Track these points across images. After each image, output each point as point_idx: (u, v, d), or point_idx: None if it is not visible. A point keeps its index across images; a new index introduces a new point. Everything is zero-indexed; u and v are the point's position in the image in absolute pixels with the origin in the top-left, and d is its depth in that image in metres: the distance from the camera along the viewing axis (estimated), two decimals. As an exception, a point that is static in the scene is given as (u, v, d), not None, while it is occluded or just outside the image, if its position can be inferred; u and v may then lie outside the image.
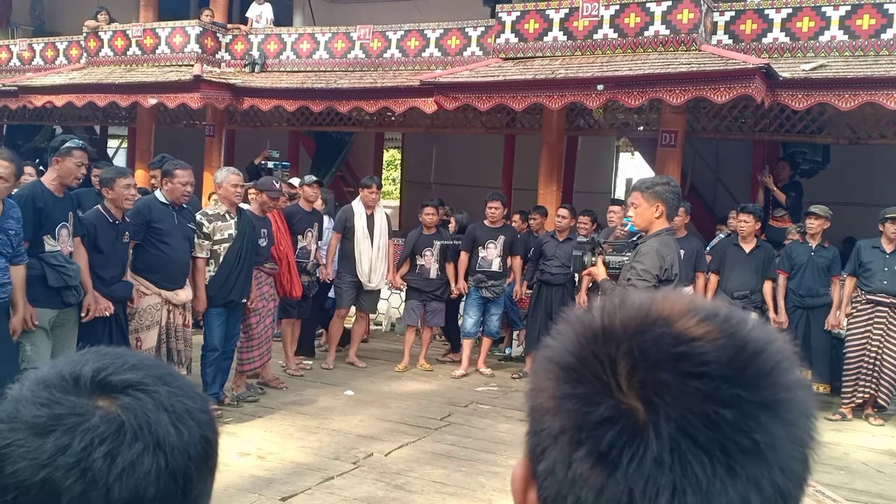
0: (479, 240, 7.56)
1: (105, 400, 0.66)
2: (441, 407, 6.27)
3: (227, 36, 11.30)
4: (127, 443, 0.64)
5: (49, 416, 0.64)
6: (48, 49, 12.70)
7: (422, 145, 14.28)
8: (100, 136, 15.90)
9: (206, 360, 5.65)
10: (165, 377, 0.70)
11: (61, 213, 4.53)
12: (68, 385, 0.66)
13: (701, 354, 0.55)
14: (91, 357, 0.70)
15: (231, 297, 5.67)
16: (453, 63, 9.80)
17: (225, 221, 5.67)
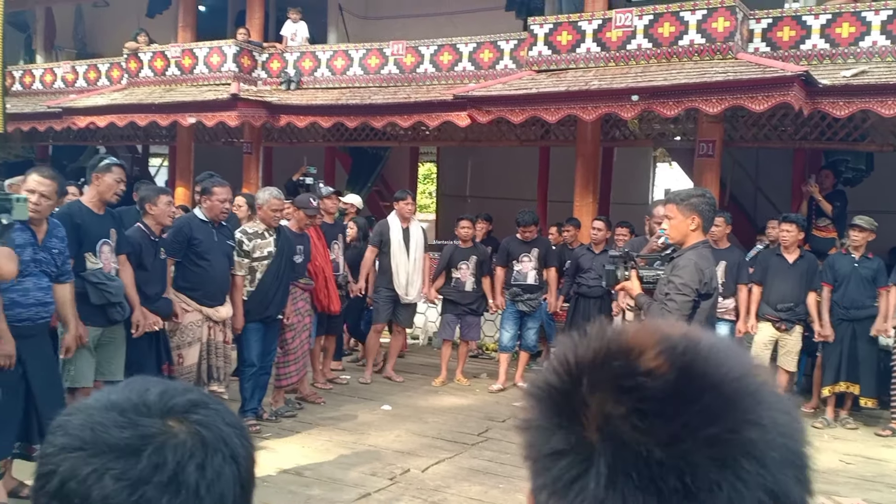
0: (513, 253, 7.53)
1: (175, 420, 0.69)
2: (478, 422, 6.24)
3: (263, 54, 11.48)
4: (210, 455, 0.68)
5: (136, 437, 0.67)
6: (90, 71, 13.03)
7: (457, 158, 14.31)
8: (142, 155, 16.25)
9: (244, 375, 5.71)
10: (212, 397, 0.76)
11: (101, 230, 4.58)
12: (141, 409, 0.70)
13: (643, 389, 0.54)
14: (146, 384, 0.73)
15: (268, 312, 5.73)
16: (486, 76, 9.82)
17: (264, 239, 5.74)
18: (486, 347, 9.36)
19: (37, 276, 3.98)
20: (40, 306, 4.00)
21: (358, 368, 7.92)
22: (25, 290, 3.90)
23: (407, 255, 7.49)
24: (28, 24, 15.28)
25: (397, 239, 7.49)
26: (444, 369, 7.67)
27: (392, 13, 12.67)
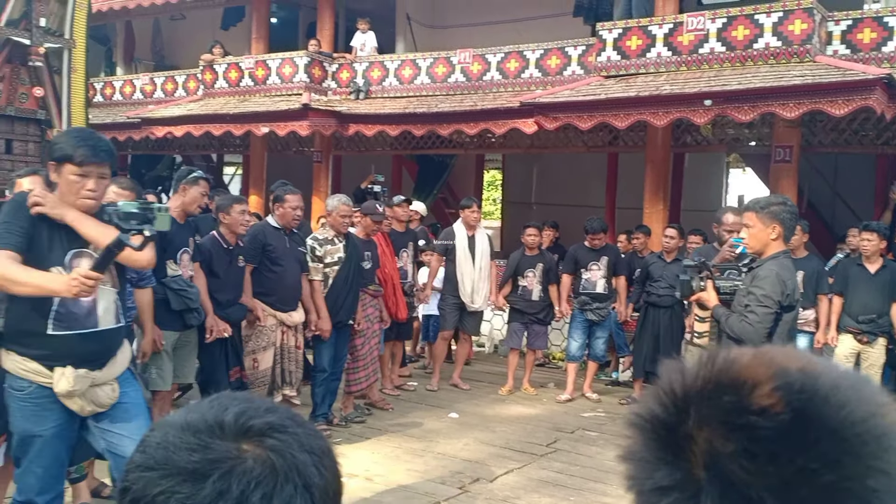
0: (581, 261, 7.45)
1: (250, 444, 0.66)
2: (547, 432, 6.18)
3: (333, 65, 11.68)
4: (280, 485, 0.64)
5: (204, 461, 0.64)
6: (168, 82, 13.50)
7: (522, 165, 14.26)
8: (216, 164, 16.72)
9: (316, 380, 5.80)
10: (296, 418, 0.71)
11: (182, 239, 4.71)
12: (215, 430, 0.67)
13: (755, 429, 0.51)
14: (227, 402, 0.71)
15: (340, 317, 5.81)
16: (553, 83, 9.76)
17: (334, 245, 5.84)
18: (553, 356, 9.28)
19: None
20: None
21: (425, 375, 7.95)
22: None
23: (473, 263, 7.50)
24: (109, 37, 15.94)
25: (463, 247, 7.50)
26: (510, 378, 7.63)
27: (459, 22, 12.73)
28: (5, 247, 2.78)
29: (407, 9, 12.56)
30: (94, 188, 2.86)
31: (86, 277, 2.63)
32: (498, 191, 24.06)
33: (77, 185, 2.84)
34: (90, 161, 2.83)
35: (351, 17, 12.98)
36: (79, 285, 2.63)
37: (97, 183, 2.88)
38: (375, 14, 12.25)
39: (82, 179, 2.84)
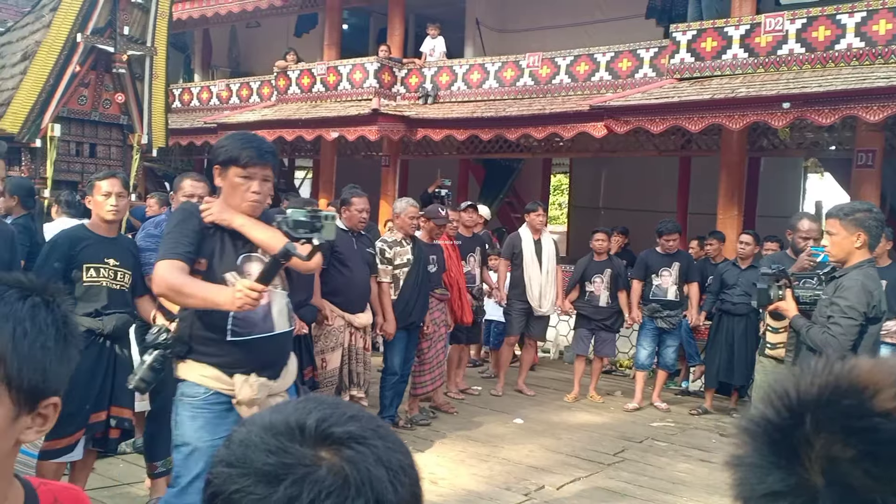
0: (652, 267, 7.29)
1: (328, 451, 0.65)
2: (614, 441, 6.07)
3: (403, 70, 11.79)
4: (350, 497, 0.63)
5: (278, 465, 0.64)
6: (243, 88, 13.87)
7: (590, 170, 14.10)
8: (287, 168, 17.09)
9: (387, 382, 5.84)
10: (380, 430, 0.70)
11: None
12: (294, 434, 0.67)
13: (878, 431, 0.50)
14: (313, 405, 0.70)
15: (412, 319, 5.85)
16: (624, 86, 9.62)
17: (403, 247, 5.88)
18: (620, 364, 9.13)
19: None
20: None
21: (487, 379, 7.92)
22: None
23: (539, 268, 7.44)
24: (188, 45, 16.50)
25: (529, 251, 7.45)
26: (576, 385, 7.54)
27: (529, 25, 12.67)
28: (174, 257, 2.72)
29: (476, 13, 12.58)
30: (258, 190, 2.81)
31: (250, 289, 2.54)
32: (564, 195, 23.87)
33: (242, 188, 2.80)
34: (255, 163, 2.79)
35: (420, 23, 13.09)
36: (243, 298, 2.54)
37: (261, 185, 2.83)
38: (445, 19, 12.32)
39: (247, 182, 2.80)
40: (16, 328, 0.89)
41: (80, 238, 3.85)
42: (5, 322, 0.89)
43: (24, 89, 7.38)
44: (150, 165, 12.80)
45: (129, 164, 7.94)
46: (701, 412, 7.17)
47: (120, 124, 8.05)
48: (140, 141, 8.02)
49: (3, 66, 7.94)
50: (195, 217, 2.82)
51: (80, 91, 7.76)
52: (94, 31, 7.59)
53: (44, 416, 0.93)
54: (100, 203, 3.85)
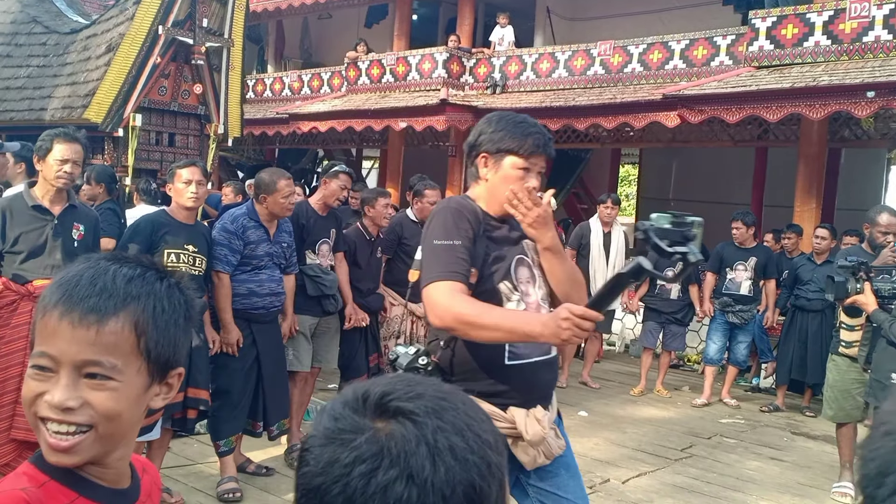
0: (726, 260, 7.11)
1: (381, 422, 0.68)
2: (681, 437, 5.97)
3: (472, 60, 11.78)
4: (384, 468, 0.65)
5: (333, 429, 0.69)
6: (314, 79, 14.09)
7: (661, 160, 13.81)
8: (355, 158, 17.31)
9: None
10: (442, 411, 0.70)
11: (323, 231, 4.87)
12: (357, 404, 0.71)
13: None
14: (391, 381, 0.73)
15: None
16: (699, 74, 9.39)
17: None
18: (688, 359, 8.95)
19: (271, 269, 4.33)
20: (273, 296, 4.33)
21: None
22: (261, 282, 4.26)
23: (606, 261, 7.33)
24: (262, 36, 16.85)
25: (597, 243, 7.35)
26: (643, 379, 7.44)
27: (600, 13, 12.48)
28: (453, 277, 2.17)
29: (547, 2, 12.45)
30: (536, 186, 2.32)
31: (581, 317, 1.96)
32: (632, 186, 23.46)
33: (519, 182, 2.28)
34: (538, 152, 2.32)
35: (490, 12, 13.04)
36: (570, 328, 1.96)
37: (538, 179, 2.34)
38: (515, 8, 12.24)
39: (525, 174, 2.30)
40: (156, 306, 0.97)
41: (162, 223, 3.98)
42: (148, 299, 0.97)
43: (107, 80, 7.68)
44: (224, 155, 13.16)
45: (206, 154, 8.19)
46: (772, 409, 6.98)
47: (197, 114, 8.30)
48: (216, 131, 8.26)
49: (88, 58, 8.28)
50: (471, 217, 2.28)
51: (161, 82, 8.03)
52: (175, 23, 7.84)
53: (170, 385, 1.03)
54: (180, 190, 3.97)
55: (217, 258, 4.13)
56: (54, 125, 8.11)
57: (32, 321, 0.98)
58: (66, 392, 0.92)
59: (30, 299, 3.47)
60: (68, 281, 0.95)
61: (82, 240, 3.68)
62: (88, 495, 0.96)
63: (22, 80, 8.93)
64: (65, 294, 0.93)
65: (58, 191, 3.60)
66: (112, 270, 0.96)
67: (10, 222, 3.49)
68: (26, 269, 3.50)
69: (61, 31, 9.08)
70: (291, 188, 4.34)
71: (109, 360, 0.93)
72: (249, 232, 4.23)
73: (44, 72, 8.79)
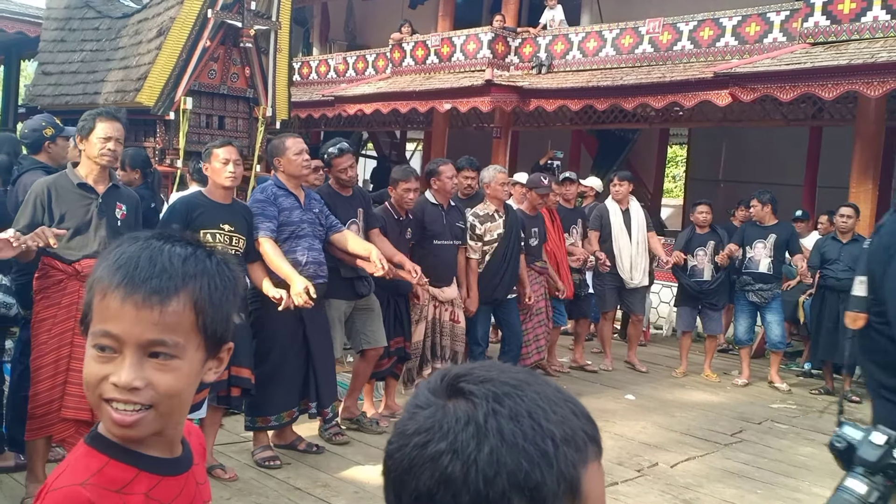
0: (746, 239, 7.01)
1: (446, 400, 0.71)
2: (731, 421, 5.89)
3: (517, 40, 11.66)
4: (434, 440, 0.69)
5: (411, 403, 0.74)
6: (359, 61, 14.12)
7: (710, 140, 13.54)
8: (399, 140, 17.35)
9: (472, 354, 5.80)
10: (503, 396, 0.70)
11: (348, 211, 4.76)
12: (436, 382, 0.74)
13: None
14: (480, 366, 0.75)
15: (496, 294, 5.72)
16: (751, 52, 9.15)
17: (494, 221, 5.71)
18: (733, 342, 8.81)
19: (310, 238, 4.30)
20: (316, 265, 4.28)
21: (598, 354, 7.82)
22: (305, 249, 4.24)
23: (629, 238, 7.24)
24: (307, 19, 16.93)
25: (618, 223, 7.27)
26: (684, 360, 7.38)
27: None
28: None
29: (595, -21, 12.25)
30: None
31: None
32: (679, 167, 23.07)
33: None
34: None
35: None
36: None
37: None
38: (562, -14, 12.05)
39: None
40: (210, 283, 1.00)
41: (197, 204, 4.00)
42: (203, 277, 0.99)
43: (159, 64, 7.79)
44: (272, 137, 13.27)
45: (255, 136, 8.28)
46: (823, 392, 6.85)
47: (246, 97, 8.38)
48: (265, 114, 8.33)
49: (139, 42, 8.42)
50: None
51: (210, 65, 8.12)
52: (224, 6, 7.90)
53: (220, 360, 1.06)
54: (218, 170, 3.98)
55: (256, 227, 4.12)
56: (108, 109, 8.31)
57: (86, 301, 0.99)
58: (133, 372, 0.94)
59: (77, 279, 3.48)
60: (127, 262, 0.96)
61: (125, 219, 3.69)
62: (149, 469, 0.99)
63: (76, 65, 9.12)
64: (126, 275, 0.95)
65: (101, 169, 3.61)
66: (167, 250, 0.98)
67: (56, 200, 3.50)
68: (71, 248, 3.51)
69: (113, 15, 9.24)
70: (301, 146, 4.31)
71: (173, 338, 0.96)
72: (281, 199, 4.24)
73: (97, 56, 8.96)
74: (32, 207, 3.48)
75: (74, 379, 3.41)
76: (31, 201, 3.50)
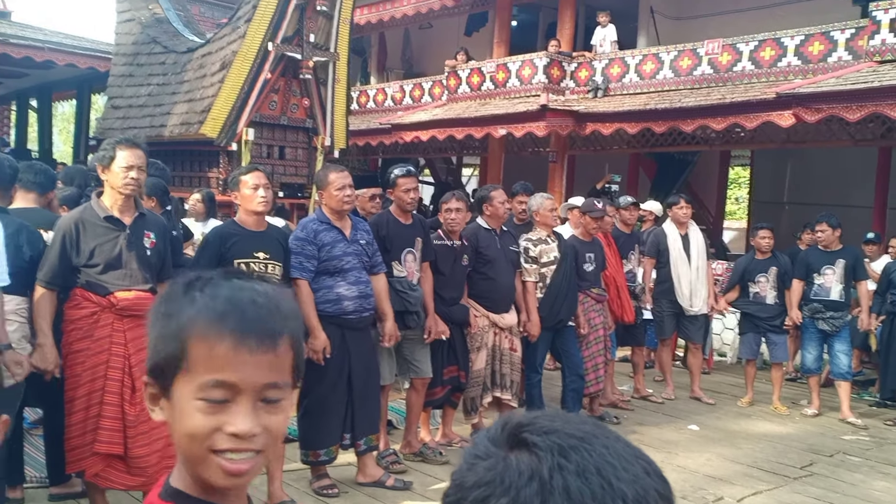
0: (813, 266, 6.72)
1: (508, 451, 0.67)
2: (800, 454, 5.66)
3: (572, 64, 11.64)
4: (495, 495, 0.64)
5: (469, 453, 0.70)
6: (416, 89, 14.29)
7: (774, 161, 13.22)
8: (455, 166, 17.44)
9: (530, 381, 5.71)
10: (570, 450, 0.66)
11: (406, 240, 4.72)
12: (496, 431, 0.70)
13: None
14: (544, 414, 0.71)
15: (560, 317, 5.66)
16: (815, 71, 8.92)
17: (548, 245, 5.66)
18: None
19: (357, 271, 4.24)
20: (362, 298, 4.23)
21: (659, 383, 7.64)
22: (349, 284, 4.19)
23: (688, 264, 7.04)
24: (365, 49, 17.26)
25: (676, 247, 7.06)
26: (749, 389, 7.12)
27: (707, 11, 12.07)
28: None
29: (651, 2, 12.17)
30: None
31: None
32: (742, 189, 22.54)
33: None
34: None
35: (591, 15, 12.86)
36: None
37: None
38: (617, 9, 12.02)
39: None
40: (298, 319, 0.99)
41: (230, 234, 3.95)
42: (294, 314, 0.97)
43: (222, 97, 8.05)
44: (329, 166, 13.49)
45: (313, 165, 8.44)
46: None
47: (305, 128, 8.58)
48: (323, 143, 8.50)
49: (203, 76, 8.71)
50: None
51: (271, 97, 8.35)
52: (284, 39, 8.13)
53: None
54: (249, 196, 3.92)
55: (293, 266, 4.09)
56: (174, 141, 8.60)
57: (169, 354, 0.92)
58: (252, 419, 0.90)
59: (111, 311, 3.46)
60: (229, 307, 0.90)
61: (154, 247, 3.64)
62: None
63: (143, 98, 9.48)
64: (235, 321, 0.90)
65: (126, 199, 3.53)
66: (259, 290, 0.94)
67: (84, 236, 3.45)
68: (104, 281, 3.47)
69: (179, 50, 9.60)
70: (344, 181, 4.22)
71: (284, 379, 0.93)
72: (322, 235, 4.17)
73: (163, 90, 9.30)
74: (60, 245, 3.43)
75: (107, 413, 3.38)
76: (59, 238, 3.45)
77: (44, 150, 14.50)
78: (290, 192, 8.55)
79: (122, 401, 3.42)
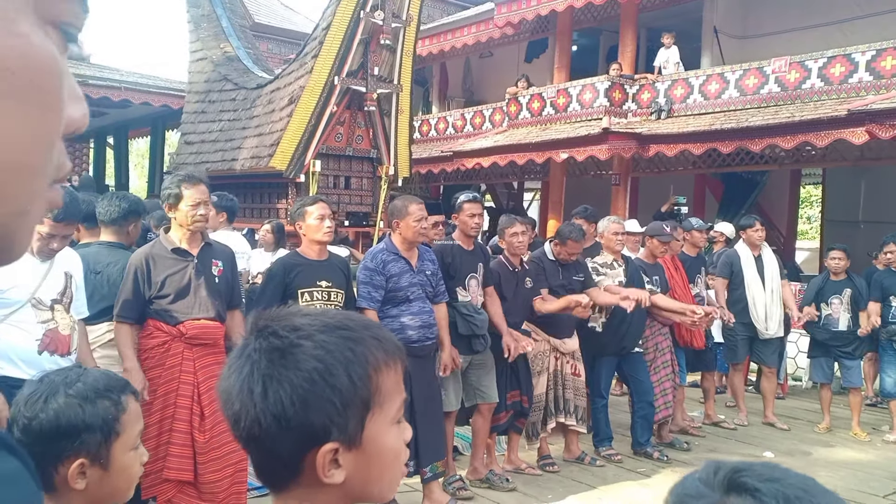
0: (889, 288, 6.49)
1: (725, 495, 0.69)
2: (883, 482, 5.43)
3: (634, 86, 11.58)
4: None
5: (680, 494, 0.72)
6: (476, 117, 14.42)
7: (848, 180, 12.80)
8: (517, 191, 17.47)
9: (595, 406, 5.67)
10: (794, 500, 0.68)
11: (469, 266, 4.78)
12: (708, 474, 0.73)
13: None
14: (755, 463, 0.74)
15: (624, 343, 5.61)
16: (888, 86, 8.66)
17: (614, 269, 5.64)
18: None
19: (421, 301, 4.31)
20: (426, 328, 4.30)
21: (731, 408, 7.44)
22: (413, 314, 4.26)
23: (763, 286, 6.87)
24: (426, 79, 17.54)
25: (751, 269, 6.90)
26: (826, 415, 6.89)
27: (773, 29, 11.85)
28: None
29: (715, 21, 12.02)
30: None
31: None
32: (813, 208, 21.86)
33: None
34: None
35: (653, 37, 12.79)
36: None
37: None
38: (680, 29, 11.92)
39: None
40: None
41: (294, 265, 4.04)
42: None
43: (290, 130, 8.31)
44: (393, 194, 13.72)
45: (378, 195, 8.61)
46: None
47: (370, 158, 8.77)
48: (388, 172, 8.66)
49: (272, 111, 9.01)
50: None
51: (337, 129, 8.57)
52: (349, 73, 8.36)
53: None
54: (314, 227, 4.03)
55: (361, 296, 4.19)
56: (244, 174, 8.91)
57: (369, 389, 0.90)
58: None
59: (181, 340, 3.56)
60: (383, 334, 0.96)
61: (222, 275, 3.73)
62: None
63: (215, 134, 9.86)
64: (389, 348, 0.95)
65: (192, 233, 3.65)
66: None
67: (154, 269, 3.57)
68: (175, 311, 3.58)
69: (248, 86, 9.96)
70: (423, 213, 4.31)
71: None
72: (390, 265, 4.25)
73: (234, 125, 9.66)
74: (133, 280, 3.57)
75: (177, 440, 3.47)
76: (132, 274, 3.58)
77: (120, 185, 15.21)
78: (355, 220, 8.74)
79: (192, 428, 3.53)
